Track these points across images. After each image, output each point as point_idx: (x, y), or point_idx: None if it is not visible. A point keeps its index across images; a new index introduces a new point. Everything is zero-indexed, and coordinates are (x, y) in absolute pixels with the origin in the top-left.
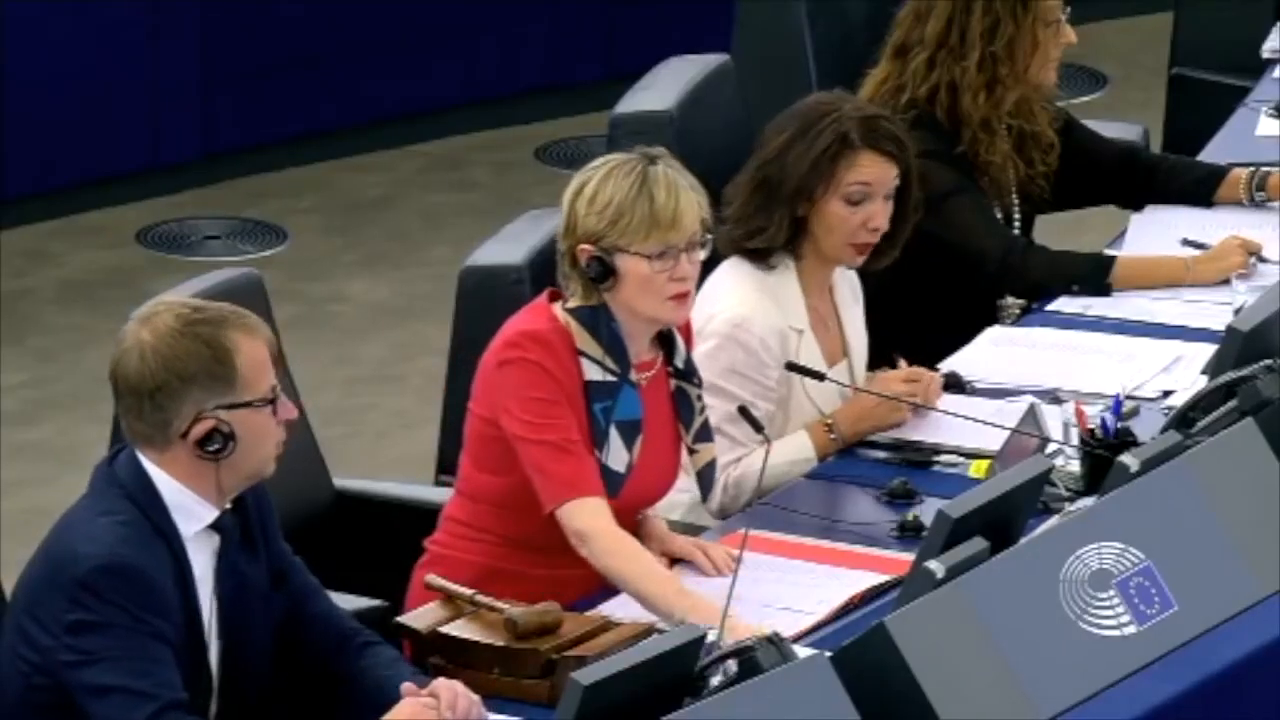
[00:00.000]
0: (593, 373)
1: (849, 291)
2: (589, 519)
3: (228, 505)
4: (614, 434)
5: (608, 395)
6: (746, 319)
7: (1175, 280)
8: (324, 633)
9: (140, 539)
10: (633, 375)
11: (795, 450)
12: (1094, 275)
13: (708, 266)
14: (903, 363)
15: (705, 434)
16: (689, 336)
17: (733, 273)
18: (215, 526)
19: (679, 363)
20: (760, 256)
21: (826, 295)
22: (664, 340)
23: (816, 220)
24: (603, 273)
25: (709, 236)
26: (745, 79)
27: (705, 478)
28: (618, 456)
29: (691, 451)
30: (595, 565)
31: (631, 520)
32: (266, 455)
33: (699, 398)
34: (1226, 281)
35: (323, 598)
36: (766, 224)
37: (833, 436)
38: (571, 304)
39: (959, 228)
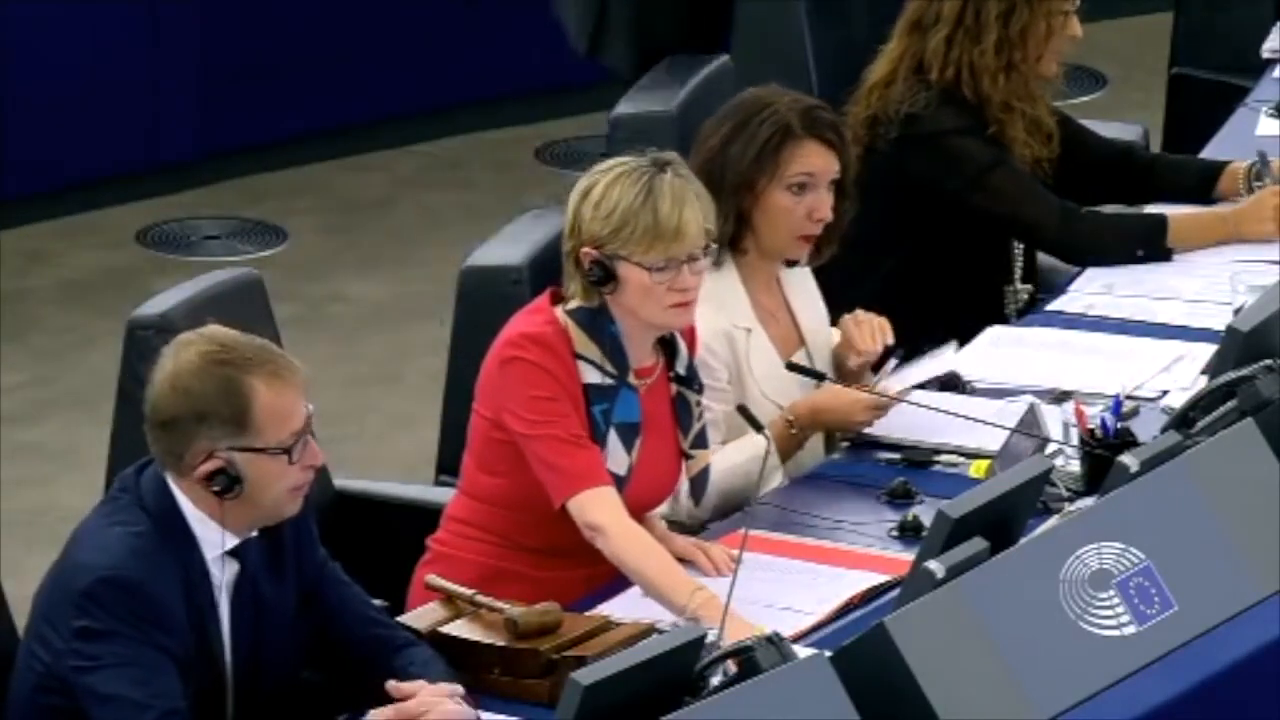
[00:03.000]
0: (590, 375)
1: (798, 280)
2: (602, 512)
3: (252, 534)
4: (613, 437)
5: (606, 398)
6: None
7: (1223, 236)
8: (362, 643)
9: (150, 552)
10: (632, 379)
11: (753, 446)
12: (1154, 238)
13: None
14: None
15: (702, 440)
16: (692, 341)
17: None
18: (235, 554)
19: (680, 368)
20: None
21: (774, 288)
22: (665, 345)
23: (760, 213)
24: (604, 277)
25: (713, 246)
26: (745, 79)
27: (699, 483)
28: (618, 459)
29: (688, 457)
30: (610, 558)
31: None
32: (278, 498)
33: (698, 404)
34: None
35: (362, 609)
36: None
37: (793, 431)
38: (571, 305)
39: (1009, 199)
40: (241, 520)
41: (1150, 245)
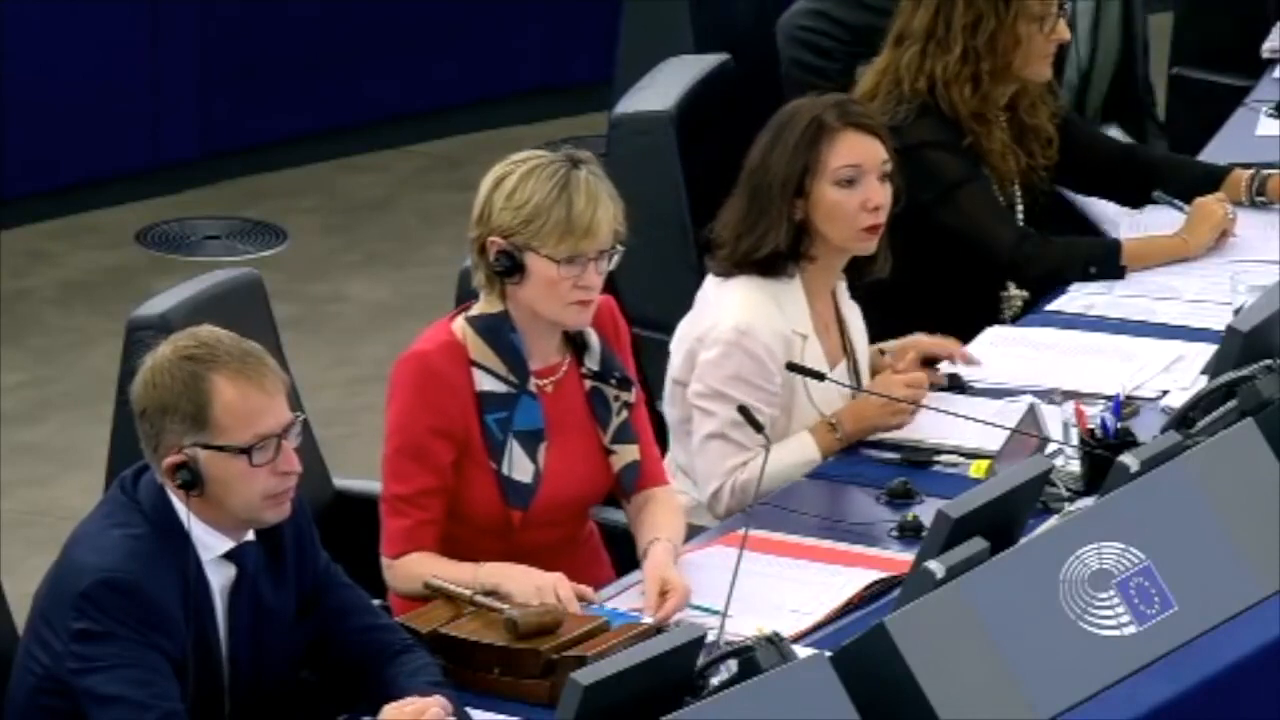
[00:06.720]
0: (486, 383)
1: (846, 292)
2: (390, 570)
3: (248, 538)
4: (514, 445)
5: (503, 406)
6: (751, 326)
7: (1178, 253)
8: (360, 647)
9: (148, 554)
10: (532, 384)
11: (800, 452)
12: (1107, 258)
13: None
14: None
15: (624, 435)
16: (616, 335)
17: (740, 285)
18: (233, 557)
19: (592, 364)
20: (773, 267)
21: (829, 298)
22: (573, 342)
23: (816, 214)
24: (510, 268)
25: (620, 249)
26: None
27: (625, 480)
28: (521, 467)
29: (609, 453)
30: (399, 589)
31: (567, 529)
32: (248, 502)
33: (616, 398)
34: (1224, 236)
35: (362, 613)
36: (767, 227)
37: (837, 436)
38: (475, 311)
39: (971, 217)
40: (214, 521)
41: (1103, 265)
